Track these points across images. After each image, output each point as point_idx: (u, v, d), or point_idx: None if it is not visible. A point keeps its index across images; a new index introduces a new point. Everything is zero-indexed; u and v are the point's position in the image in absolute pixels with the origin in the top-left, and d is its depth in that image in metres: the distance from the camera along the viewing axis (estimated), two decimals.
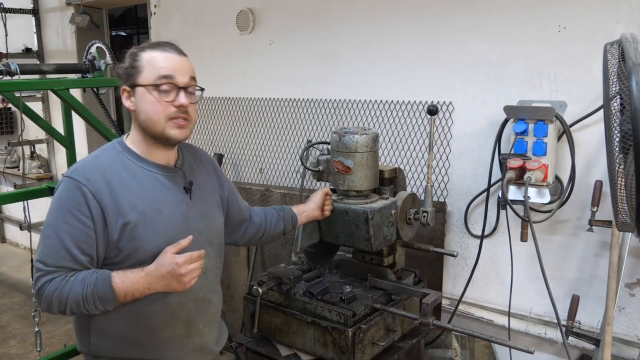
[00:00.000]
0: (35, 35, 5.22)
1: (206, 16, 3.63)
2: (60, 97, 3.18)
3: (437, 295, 2.10)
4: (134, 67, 1.57)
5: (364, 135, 2.06)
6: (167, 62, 1.57)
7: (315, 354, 2.10)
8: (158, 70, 1.55)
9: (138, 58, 1.58)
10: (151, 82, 1.55)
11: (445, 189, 2.73)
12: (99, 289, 1.48)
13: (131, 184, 1.57)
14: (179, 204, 1.65)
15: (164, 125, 1.57)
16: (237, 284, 3.52)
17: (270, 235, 2.10)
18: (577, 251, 2.41)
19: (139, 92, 1.57)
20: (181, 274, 1.50)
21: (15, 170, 5.47)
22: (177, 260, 1.50)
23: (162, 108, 1.55)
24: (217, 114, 3.67)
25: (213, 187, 1.84)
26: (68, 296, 1.48)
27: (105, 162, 1.58)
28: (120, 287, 1.49)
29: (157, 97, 1.55)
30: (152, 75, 1.55)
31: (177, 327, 1.68)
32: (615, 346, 2.28)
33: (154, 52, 1.58)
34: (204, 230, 1.72)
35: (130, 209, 1.54)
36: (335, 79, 3.05)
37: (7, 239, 6.18)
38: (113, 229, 1.52)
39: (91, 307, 1.50)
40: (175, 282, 1.51)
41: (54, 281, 1.49)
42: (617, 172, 1.34)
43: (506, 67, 2.47)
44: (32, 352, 3.65)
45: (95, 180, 1.52)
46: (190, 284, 1.54)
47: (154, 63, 1.56)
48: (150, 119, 1.57)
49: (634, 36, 1.28)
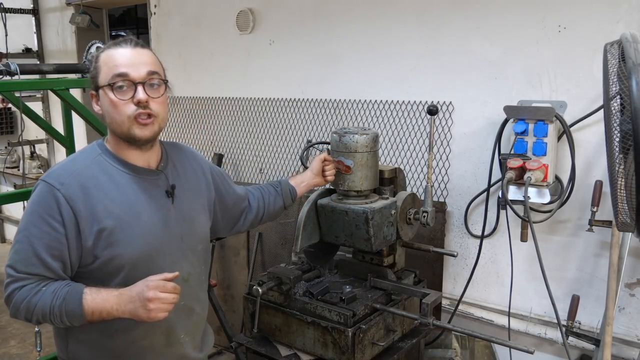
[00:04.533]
0: (35, 35, 5.22)
1: (206, 16, 3.62)
2: (60, 97, 3.18)
3: (437, 295, 2.10)
4: (94, 69, 1.53)
5: (364, 135, 2.06)
6: (121, 59, 1.49)
7: (315, 354, 2.10)
8: (112, 69, 1.48)
9: (97, 59, 1.53)
10: (107, 82, 1.49)
11: (445, 189, 2.73)
12: (67, 304, 1.43)
13: (108, 188, 1.51)
14: (160, 209, 1.59)
15: (128, 125, 1.49)
16: (237, 284, 3.52)
17: (271, 214, 2.07)
18: (577, 251, 2.41)
19: (101, 95, 1.52)
20: (148, 298, 1.39)
21: (15, 170, 5.46)
22: (150, 283, 1.41)
23: (123, 107, 1.48)
24: (217, 114, 3.67)
25: (200, 190, 1.76)
26: (36, 306, 1.44)
27: (81, 165, 1.52)
28: (89, 304, 1.43)
29: (115, 97, 1.48)
30: (108, 74, 1.49)
31: (156, 337, 1.62)
32: (615, 346, 2.28)
33: (110, 50, 1.52)
34: (187, 235, 1.66)
35: (106, 215, 1.48)
36: (335, 79, 3.05)
37: (7, 239, 6.17)
38: (87, 235, 1.46)
39: (57, 320, 1.45)
40: (142, 308, 1.40)
41: (24, 288, 1.45)
42: (617, 172, 1.34)
43: (506, 67, 2.47)
44: (32, 352, 3.66)
45: (69, 184, 1.46)
46: (157, 317, 1.41)
47: (109, 62, 1.50)
48: (114, 121, 1.51)
49: (634, 36, 1.28)
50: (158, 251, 1.57)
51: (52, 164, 5.44)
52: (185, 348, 1.71)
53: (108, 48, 1.54)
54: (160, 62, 1.59)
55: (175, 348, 1.68)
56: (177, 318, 1.63)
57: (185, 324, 1.69)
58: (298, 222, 2.11)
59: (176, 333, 1.66)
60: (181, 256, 1.65)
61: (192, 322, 1.72)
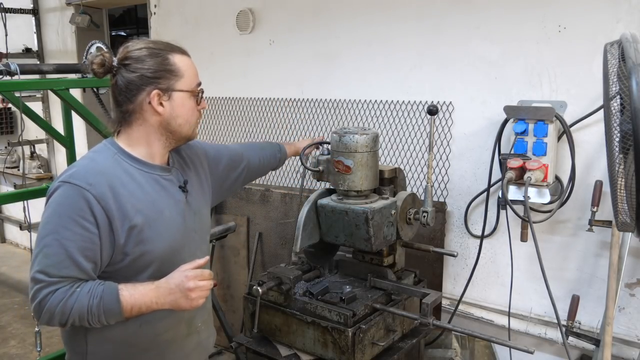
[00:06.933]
0: (35, 35, 5.22)
1: (206, 16, 3.62)
2: (60, 97, 3.18)
3: (437, 295, 2.10)
4: (168, 71, 1.54)
5: (364, 135, 2.06)
6: (195, 69, 1.62)
7: (315, 354, 2.10)
8: (195, 78, 1.61)
9: (170, 62, 1.54)
10: (192, 89, 1.59)
11: (445, 189, 2.73)
12: (105, 302, 1.43)
13: (132, 187, 1.53)
14: (177, 204, 1.64)
15: (194, 128, 1.65)
16: (237, 284, 3.52)
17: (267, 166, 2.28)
18: (577, 251, 2.41)
19: (178, 97, 1.56)
20: (189, 288, 1.46)
21: (15, 170, 5.46)
22: (188, 273, 1.47)
23: (198, 113, 1.64)
24: (217, 114, 3.67)
25: (201, 182, 1.81)
26: (72, 308, 1.42)
27: (104, 165, 1.53)
28: (127, 300, 1.45)
29: (196, 104, 1.62)
30: (192, 81, 1.59)
31: (179, 328, 1.67)
32: (615, 346, 2.28)
33: (183, 56, 1.59)
34: (199, 228, 1.72)
35: (135, 212, 1.50)
36: (335, 78, 3.05)
37: (7, 239, 6.18)
38: (119, 233, 1.47)
39: (94, 320, 1.45)
40: (183, 298, 1.47)
41: (57, 292, 1.42)
42: (617, 172, 1.34)
43: (506, 67, 2.47)
44: (32, 352, 3.66)
45: (98, 183, 1.46)
46: (198, 303, 1.49)
47: (190, 69, 1.59)
48: (188, 123, 1.61)
49: (634, 36, 1.28)
50: (181, 245, 1.63)
51: (52, 164, 5.44)
52: (201, 336, 1.78)
53: (177, 53, 1.58)
54: None
55: (194, 337, 1.74)
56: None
57: (202, 313, 1.76)
58: (298, 222, 2.11)
59: (195, 322, 1.73)
60: (196, 248, 1.71)
61: (206, 310, 1.81)
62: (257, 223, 3.39)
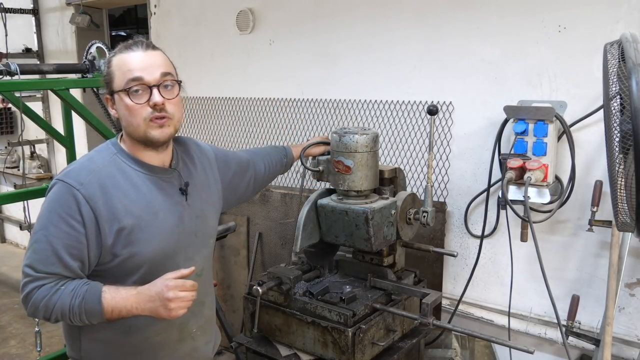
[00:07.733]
0: (35, 35, 5.22)
1: (206, 16, 3.62)
2: (60, 97, 3.18)
3: (437, 295, 2.10)
4: (108, 74, 1.55)
5: (364, 135, 2.06)
6: (135, 63, 1.52)
7: (315, 354, 2.10)
8: (126, 74, 1.51)
9: (110, 64, 1.55)
10: (122, 87, 1.51)
11: (445, 189, 2.73)
12: (87, 302, 1.45)
13: (126, 188, 1.53)
14: (175, 207, 1.62)
15: (144, 128, 1.52)
16: (237, 284, 3.52)
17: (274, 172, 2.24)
18: (577, 251, 2.41)
19: (116, 99, 1.55)
20: (168, 298, 1.42)
21: (15, 170, 5.47)
22: (169, 283, 1.44)
23: (139, 111, 1.51)
24: (217, 114, 3.67)
25: (209, 185, 1.79)
26: (55, 305, 1.45)
27: (99, 165, 1.54)
28: (109, 303, 1.45)
29: (131, 102, 1.51)
30: (122, 79, 1.52)
31: (171, 332, 1.65)
32: (615, 346, 2.28)
33: (122, 54, 1.54)
34: (200, 231, 1.70)
35: (126, 214, 1.50)
36: (335, 79, 3.05)
37: (7, 239, 6.18)
38: (107, 234, 1.48)
39: (76, 318, 1.47)
40: (162, 307, 1.44)
41: (42, 288, 1.46)
42: (617, 172, 1.34)
43: (506, 67, 2.47)
44: (32, 352, 3.66)
45: (89, 184, 1.48)
46: (177, 314, 1.45)
47: (122, 66, 1.53)
48: (130, 124, 1.54)
49: (634, 36, 1.28)
50: (174, 249, 1.61)
51: (52, 164, 5.45)
52: (196, 342, 1.75)
53: (120, 52, 1.55)
54: (171, 62, 1.62)
55: (188, 342, 1.72)
56: (190, 313, 1.65)
57: (198, 318, 1.73)
58: (298, 222, 2.11)
59: (189, 327, 1.70)
60: (195, 252, 1.69)
61: (204, 316, 1.77)
62: (257, 223, 3.39)
